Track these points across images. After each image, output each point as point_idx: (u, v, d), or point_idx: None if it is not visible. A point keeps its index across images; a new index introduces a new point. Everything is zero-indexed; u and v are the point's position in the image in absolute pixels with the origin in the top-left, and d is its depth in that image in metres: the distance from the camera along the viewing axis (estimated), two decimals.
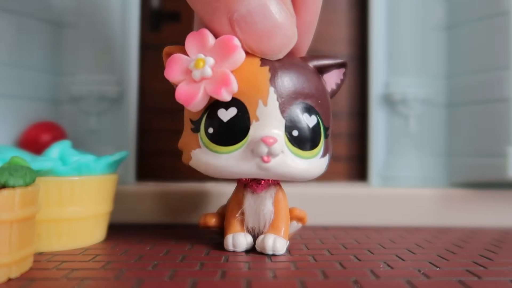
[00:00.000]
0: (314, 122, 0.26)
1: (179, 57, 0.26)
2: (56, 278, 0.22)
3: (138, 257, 0.26)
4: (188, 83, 0.26)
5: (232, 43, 0.25)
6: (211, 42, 0.26)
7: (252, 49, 0.26)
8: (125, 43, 0.39)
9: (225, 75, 0.25)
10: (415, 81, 0.41)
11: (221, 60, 0.25)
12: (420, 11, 0.41)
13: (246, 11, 0.25)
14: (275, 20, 0.25)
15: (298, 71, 0.26)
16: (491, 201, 0.39)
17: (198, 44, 0.26)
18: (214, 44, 0.26)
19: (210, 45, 0.26)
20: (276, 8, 0.25)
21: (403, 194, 0.39)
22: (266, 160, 0.25)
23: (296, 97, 0.26)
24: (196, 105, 0.26)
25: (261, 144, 0.25)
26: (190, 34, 0.26)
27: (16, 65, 0.36)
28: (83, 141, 0.38)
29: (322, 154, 0.27)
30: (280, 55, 0.26)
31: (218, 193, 0.38)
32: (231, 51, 0.25)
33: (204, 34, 0.26)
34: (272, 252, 0.27)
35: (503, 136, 0.36)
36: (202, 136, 0.27)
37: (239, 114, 0.25)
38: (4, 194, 0.21)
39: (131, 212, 0.38)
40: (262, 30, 0.25)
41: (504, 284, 0.22)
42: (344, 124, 0.44)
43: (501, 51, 0.37)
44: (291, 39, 0.26)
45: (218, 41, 0.25)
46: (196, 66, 0.25)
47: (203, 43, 0.26)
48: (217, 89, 0.25)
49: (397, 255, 0.27)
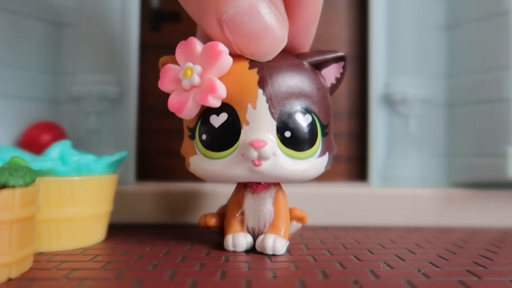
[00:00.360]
0: (309, 121, 0.26)
1: (170, 67, 0.27)
2: (56, 278, 0.22)
3: (138, 257, 0.26)
4: (179, 92, 0.26)
5: (217, 49, 0.25)
6: (199, 50, 0.26)
7: (241, 51, 0.26)
8: (125, 43, 0.39)
9: (211, 82, 0.25)
10: (415, 81, 0.41)
11: (208, 67, 0.25)
12: (420, 11, 0.41)
13: (234, 12, 0.25)
14: (264, 22, 0.25)
15: (289, 71, 0.26)
16: (491, 201, 0.39)
17: (187, 53, 0.26)
18: (201, 51, 0.26)
19: (197, 53, 0.26)
20: (265, 9, 0.25)
21: (403, 194, 0.39)
22: (257, 164, 0.25)
23: (287, 97, 0.26)
24: (187, 114, 0.26)
25: (250, 148, 0.25)
26: (180, 43, 0.27)
27: (16, 65, 0.36)
28: (83, 141, 0.38)
29: (320, 153, 0.27)
30: (269, 56, 0.26)
31: (218, 193, 0.38)
32: (216, 57, 0.25)
33: (191, 42, 0.26)
34: (272, 252, 0.27)
35: (503, 136, 0.36)
36: (197, 143, 0.27)
37: (229, 119, 0.25)
38: (4, 194, 0.21)
39: (131, 212, 0.38)
40: (251, 31, 0.25)
41: (504, 284, 0.22)
42: (344, 124, 0.44)
43: (501, 51, 0.37)
44: (281, 41, 0.26)
45: (204, 48, 0.26)
46: (185, 75, 0.25)
47: (191, 51, 0.26)
48: (204, 97, 0.25)
49: (397, 255, 0.27)
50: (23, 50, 0.37)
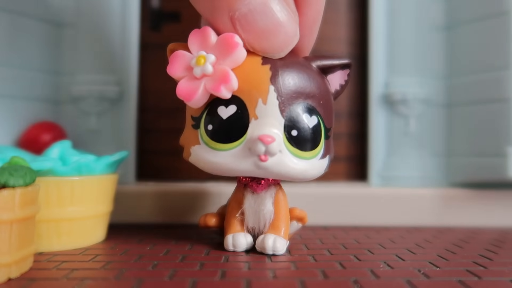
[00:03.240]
0: (315, 122, 0.26)
1: (181, 53, 0.26)
2: (56, 278, 0.22)
3: (138, 257, 0.26)
4: (189, 79, 0.26)
5: (234, 40, 0.25)
6: (213, 40, 0.26)
7: (254, 48, 0.26)
8: (125, 43, 0.39)
9: (225, 73, 0.25)
10: (415, 81, 0.41)
11: (222, 57, 0.25)
12: (420, 11, 0.41)
13: (247, 9, 0.25)
14: (277, 19, 0.25)
15: (300, 71, 0.26)
16: (491, 201, 0.39)
17: (200, 41, 0.26)
18: (215, 42, 0.26)
19: (211, 43, 0.26)
20: (277, 6, 0.25)
21: (403, 194, 0.39)
22: (264, 159, 0.25)
23: (297, 97, 0.26)
24: (196, 102, 0.26)
25: (259, 142, 0.25)
26: (193, 31, 0.26)
27: (16, 65, 0.36)
28: (83, 141, 0.38)
29: (322, 155, 0.27)
30: (282, 53, 0.26)
31: (218, 193, 0.38)
32: (232, 48, 0.25)
33: (206, 31, 0.26)
34: (272, 252, 0.27)
35: (503, 136, 0.36)
36: (201, 133, 0.27)
37: (238, 112, 0.25)
38: (4, 194, 0.21)
39: (131, 212, 0.38)
40: (263, 28, 0.25)
41: (504, 284, 0.22)
42: (344, 124, 0.44)
43: (501, 51, 0.37)
44: (293, 37, 0.26)
45: (220, 38, 0.26)
46: (197, 63, 0.25)
47: (205, 40, 0.26)
48: (216, 86, 0.25)
49: (397, 255, 0.27)
50: (23, 50, 0.37)
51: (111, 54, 0.39)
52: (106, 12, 0.39)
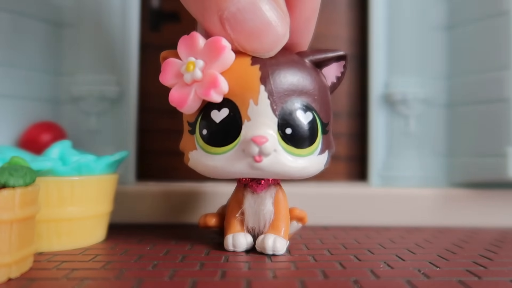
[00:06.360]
0: (310, 118, 0.26)
1: (172, 61, 0.27)
2: (56, 278, 0.22)
3: (138, 257, 0.26)
4: (180, 86, 0.26)
5: (220, 44, 0.25)
6: (201, 44, 0.26)
7: (243, 48, 0.26)
8: (125, 43, 0.39)
9: (214, 77, 0.25)
10: (415, 81, 0.41)
11: (210, 61, 0.25)
12: (420, 11, 0.41)
13: (236, 9, 0.25)
14: (266, 18, 0.25)
15: (291, 68, 0.26)
16: (491, 201, 0.39)
17: (189, 47, 0.26)
18: (203, 46, 0.26)
19: (200, 48, 0.26)
20: (266, 5, 0.25)
21: (403, 194, 0.39)
22: (258, 160, 0.25)
23: (289, 94, 0.26)
24: (188, 108, 0.26)
25: (252, 144, 0.25)
26: (182, 38, 0.26)
27: (16, 65, 0.36)
28: (83, 141, 0.38)
29: (320, 151, 0.27)
30: (271, 53, 0.26)
31: (218, 193, 0.38)
32: (219, 52, 0.25)
33: (194, 37, 0.26)
34: (272, 252, 0.27)
35: (503, 136, 0.36)
36: (197, 138, 0.27)
37: (231, 115, 0.25)
38: (4, 194, 0.21)
39: (131, 212, 0.38)
40: (252, 28, 0.25)
41: (504, 284, 0.22)
42: (344, 124, 0.44)
43: (501, 51, 0.37)
44: (282, 37, 0.26)
45: (207, 42, 0.26)
46: (187, 69, 0.25)
47: (193, 45, 0.26)
48: (206, 91, 0.25)
49: (397, 255, 0.27)
50: (23, 50, 0.37)
51: (111, 54, 0.39)
52: (106, 12, 0.39)
